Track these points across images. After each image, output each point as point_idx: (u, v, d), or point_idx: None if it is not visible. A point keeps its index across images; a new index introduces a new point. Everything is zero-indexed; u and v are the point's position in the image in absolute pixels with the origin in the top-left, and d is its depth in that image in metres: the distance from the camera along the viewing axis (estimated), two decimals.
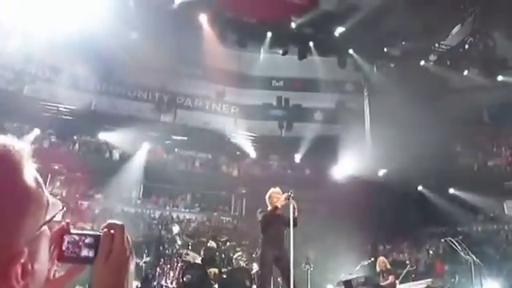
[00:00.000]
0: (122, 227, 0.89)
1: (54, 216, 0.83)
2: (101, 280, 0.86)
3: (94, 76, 18.70)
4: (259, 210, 6.54)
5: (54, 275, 0.85)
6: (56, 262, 0.86)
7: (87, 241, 0.87)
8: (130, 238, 0.90)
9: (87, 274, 0.89)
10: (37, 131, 14.48)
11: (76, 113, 16.94)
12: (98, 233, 0.88)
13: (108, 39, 15.80)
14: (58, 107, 16.37)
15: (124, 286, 0.87)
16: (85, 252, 0.86)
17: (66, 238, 0.86)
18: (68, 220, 0.90)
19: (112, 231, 0.88)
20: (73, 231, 0.88)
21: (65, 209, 0.91)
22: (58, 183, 16.05)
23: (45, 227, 0.80)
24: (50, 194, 0.85)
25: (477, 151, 17.93)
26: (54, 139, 17.14)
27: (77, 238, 0.87)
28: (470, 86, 16.73)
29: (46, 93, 17.26)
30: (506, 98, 16.77)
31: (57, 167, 16.09)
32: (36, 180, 0.78)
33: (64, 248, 0.86)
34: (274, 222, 6.17)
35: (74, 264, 0.87)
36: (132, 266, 0.89)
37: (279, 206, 6.12)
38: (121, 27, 15.31)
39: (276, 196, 6.29)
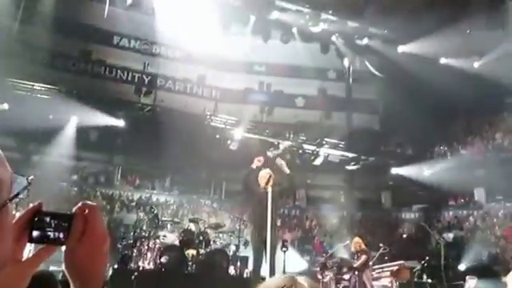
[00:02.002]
0: (96, 208, 0.87)
1: (18, 194, 0.81)
2: (72, 262, 0.85)
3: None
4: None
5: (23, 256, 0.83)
6: (26, 242, 0.83)
7: (59, 221, 0.84)
8: (104, 220, 0.88)
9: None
10: (5, 106, 13.94)
11: (52, 92, 16.50)
12: (71, 213, 0.86)
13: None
14: (33, 85, 15.86)
15: (96, 268, 0.85)
16: (56, 233, 0.83)
17: (38, 218, 0.84)
18: (40, 200, 0.87)
19: (86, 212, 0.86)
20: (45, 211, 0.85)
21: (29, 187, 0.89)
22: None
23: (8, 205, 0.77)
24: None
25: (451, 140, 18.42)
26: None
27: (48, 218, 0.84)
28: (446, 76, 17.05)
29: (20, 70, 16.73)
30: (480, 90, 17.16)
31: (31, 147, 15.80)
32: None
33: (35, 228, 0.83)
34: (262, 202, 6.18)
35: (45, 245, 0.84)
36: (106, 249, 0.87)
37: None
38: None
39: (264, 176, 6.35)
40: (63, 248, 0.86)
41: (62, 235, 0.83)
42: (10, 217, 0.79)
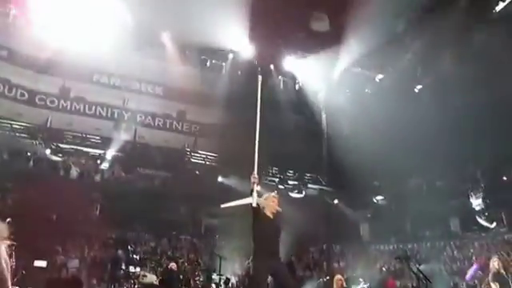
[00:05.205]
0: None
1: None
2: None
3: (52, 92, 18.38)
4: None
5: None
6: None
7: None
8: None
9: None
10: None
11: (31, 130, 16.39)
12: None
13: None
14: (11, 124, 15.74)
15: None
16: None
17: None
18: None
19: None
20: None
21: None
22: (9, 201, 15.36)
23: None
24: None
25: (426, 173, 18.93)
26: (6, 156, 16.46)
27: None
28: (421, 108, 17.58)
29: None
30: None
31: (9, 185, 15.49)
32: None
33: None
34: (269, 228, 5.49)
35: None
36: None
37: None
38: None
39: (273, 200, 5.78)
40: None
41: None
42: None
